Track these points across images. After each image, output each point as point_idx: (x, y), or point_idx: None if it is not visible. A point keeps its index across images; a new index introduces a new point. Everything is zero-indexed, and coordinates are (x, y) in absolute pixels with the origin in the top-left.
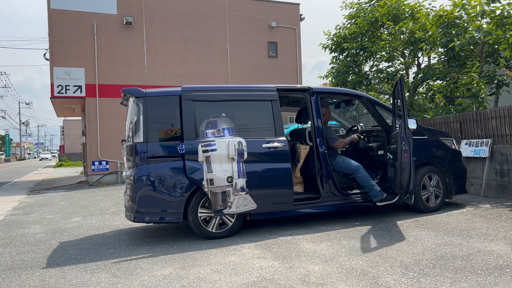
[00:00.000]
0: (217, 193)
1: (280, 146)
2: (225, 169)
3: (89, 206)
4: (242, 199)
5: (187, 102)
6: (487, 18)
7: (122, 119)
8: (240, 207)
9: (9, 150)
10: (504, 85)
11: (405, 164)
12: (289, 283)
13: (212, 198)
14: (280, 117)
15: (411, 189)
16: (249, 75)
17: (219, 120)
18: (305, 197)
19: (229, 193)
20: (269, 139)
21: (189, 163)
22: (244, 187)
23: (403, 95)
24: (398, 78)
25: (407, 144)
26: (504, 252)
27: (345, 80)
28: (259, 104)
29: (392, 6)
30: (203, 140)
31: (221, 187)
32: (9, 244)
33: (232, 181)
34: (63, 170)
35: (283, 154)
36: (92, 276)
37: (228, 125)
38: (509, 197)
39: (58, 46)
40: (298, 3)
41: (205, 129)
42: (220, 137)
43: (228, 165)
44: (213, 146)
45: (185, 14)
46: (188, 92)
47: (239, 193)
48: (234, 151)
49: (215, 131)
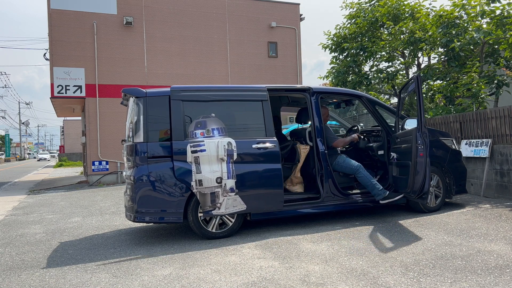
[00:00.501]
0: (206, 194)
1: (270, 146)
2: (214, 170)
3: (89, 206)
4: (231, 200)
5: (176, 102)
6: (487, 18)
7: (122, 119)
8: (229, 208)
9: (9, 150)
10: (504, 85)
11: (420, 164)
12: (289, 283)
13: (201, 199)
14: (271, 117)
15: (426, 189)
16: (249, 75)
17: (208, 121)
18: (305, 197)
19: (218, 194)
20: (259, 139)
21: (177, 164)
22: (234, 188)
23: (420, 94)
24: (415, 76)
25: (422, 143)
26: (504, 252)
27: (345, 80)
28: (249, 104)
29: (392, 6)
30: (192, 141)
31: (210, 188)
32: (9, 244)
33: (222, 181)
34: (63, 170)
35: (273, 154)
36: (92, 276)
37: (217, 125)
38: (509, 197)
39: (58, 46)
40: (298, 3)
41: (194, 130)
42: (210, 137)
43: (218, 165)
44: (202, 147)
45: (185, 14)
46: (177, 92)
47: (228, 194)
48: (224, 151)
49: (205, 131)
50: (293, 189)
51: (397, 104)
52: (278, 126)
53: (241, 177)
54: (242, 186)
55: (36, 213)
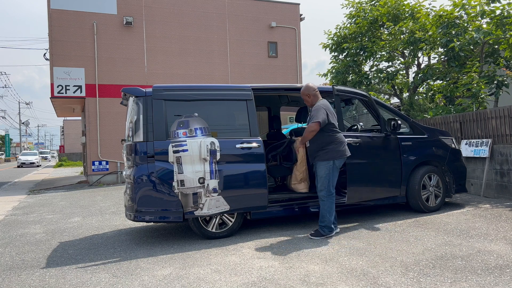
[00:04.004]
0: (188, 194)
1: (254, 146)
2: (197, 170)
3: (89, 206)
4: (214, 201)
5: (157, 101)
6: (487, 18)
7: (122, 119)
8: (212, 208)
9: (9, 150)
10: (504, 85)
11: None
12: (289, 283)
13: (183, 200)
14: (255, 117)
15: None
16: (249, 75)
17: (191, 120)
18: (307, 196)
19: (200, 194)
20: (243, 139)
21: (159, 164)
22: (217, 188)
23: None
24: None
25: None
26: (504, 252)
27: (345, 79)
28: (233, 104)
29: (392, 6)
30: (173, 141)
31: (192, 188)
32: (9, 244)
33: (204, 182)
34: (63, 170)
35: (257, 154)
36: (92, 276)
37: (200, 125)
38: (509, 197)
39: (58, 46)
40: (298, 3)
41: (177, 129)
42: (192, 137)
43: (200, 166)
44: (184, 147)
45: (185, 14)
46: (159, 91)
47: (211, 195)
48: (207, 151)
49: (187, 131)
50: (298, 187)
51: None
52: (277, 126)
53: (224, 177)
54: (225, 186)
55: (36, 213)
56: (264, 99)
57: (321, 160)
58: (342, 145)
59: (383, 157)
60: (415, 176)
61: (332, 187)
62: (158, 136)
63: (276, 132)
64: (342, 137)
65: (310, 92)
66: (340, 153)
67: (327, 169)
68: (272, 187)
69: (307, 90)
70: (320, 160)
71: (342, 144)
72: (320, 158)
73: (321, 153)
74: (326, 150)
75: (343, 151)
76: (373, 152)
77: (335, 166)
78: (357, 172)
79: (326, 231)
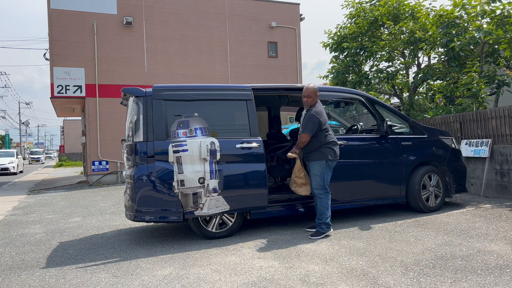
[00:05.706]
0: (188, 194)
1: (254, 146)
2: (197, 170)
3: (89, 206)
4: (214, 201)
5: (157, 101)
6: (487, 18)
7: (122, 119)
8: (212, 208)
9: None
10: (504, 85)
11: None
12: (289, 283)
13: (183, 200)
14: (255, 117)
15: None
16: (249, 75)
17: (191, 120)
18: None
19: (200, 194)
20: (243, 139)
21: (159, 164)
22: (217, 188)
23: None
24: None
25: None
26: (504, 252)
27: (345, 79)
28: (233, 104)
29: (392, 5)
30: (174, 141)
31: (192, 188)
32: (9, 244)
33: (204, 182)
34: (63, 170)
35: (257, 154)
36: (92, 276)
37: (200, 125)
38: (509, 197)
39: (58, 46)
40: (298, 3)
41: (177, 129)
42: (192, 137)
43: (200, 166)
44: (184, 147)
45: (185, 14)
46: (159, 91)
47: (211, 195)
48: (207, 151)
49: (187, 131)
50: (298, 191)
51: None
52: (278, 126)
53: (224, 177)
54: (225, 186)
55: (36, 213)
56: (264, 99)
57: (315, 160)
58: (334, 147)
59: (382, 157)
60: (415, 176)
61: (327, 184)
62: (158, 136)
63: (276, 132)
64: (334, 139)
65: (310, 94)
66: (332, 155)
67: (321, 167)
68: (272, 187)
69: (307, 92)
70: (314, 160)
71: (334, 146)
72: (313, 158)
73: (314, 154)
74: (319, 151)
75: (335, 153)
76: (373, 152)
77: (327, 165)
78: (352, 172)
79: (325, 228)
